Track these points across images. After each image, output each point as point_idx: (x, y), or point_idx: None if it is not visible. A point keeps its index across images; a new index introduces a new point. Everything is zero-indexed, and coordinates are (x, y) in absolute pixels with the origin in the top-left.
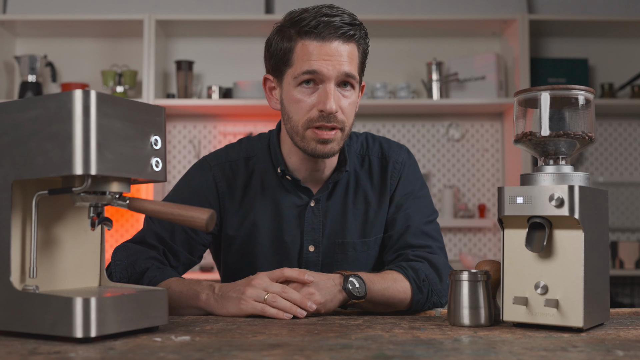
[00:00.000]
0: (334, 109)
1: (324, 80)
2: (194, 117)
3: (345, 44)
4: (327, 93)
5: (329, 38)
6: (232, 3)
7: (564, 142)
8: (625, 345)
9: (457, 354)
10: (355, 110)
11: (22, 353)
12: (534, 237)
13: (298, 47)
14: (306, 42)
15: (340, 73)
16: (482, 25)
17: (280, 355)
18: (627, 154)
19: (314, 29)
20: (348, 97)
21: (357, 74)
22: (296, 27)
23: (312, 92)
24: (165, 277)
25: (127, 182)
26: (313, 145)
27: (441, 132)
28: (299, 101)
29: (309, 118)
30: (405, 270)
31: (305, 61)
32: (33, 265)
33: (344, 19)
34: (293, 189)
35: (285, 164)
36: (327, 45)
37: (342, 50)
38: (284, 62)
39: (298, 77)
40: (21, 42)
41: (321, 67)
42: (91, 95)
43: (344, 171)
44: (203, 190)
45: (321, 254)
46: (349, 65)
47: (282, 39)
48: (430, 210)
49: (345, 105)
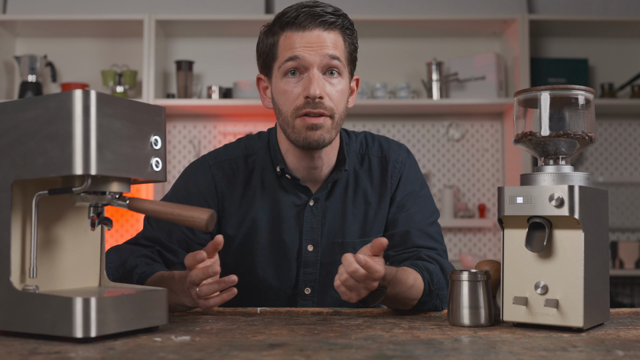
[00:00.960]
0: (317, 93)
1: (308, 67)
2: (194, 117)
3: (327, 31)
4: (310, 79)
5: (309, 27)
6: (232, 3)
7: (564, 142)
8: (625, 345)
9: (457, 354)
10: (348, 102)
11: (22, 353)
12: (534, 237)
13: (281, 40)
14: (288, 34)
15: (323, 56)
16: (482, 25)
17: (280, 355)
18: (627, 154)
19: (294, 19)
20: (335, 84)
21: (343, 59)
22: (279, 22)
23: (297, 81)
24: (154, 272)
25: (127, 182)
26: (303, 133)
27: (441, 132)
28: (286, 92)
29: (296, 106)
30: (422, 272)
31: (288, 50)
32: (33, 265)
33: (326, 9)
34: (292, 188)
35: (284, 162)
36: (308, 34)
37: (324, 37)
38: (270, 57)
39: (282, 66)
40: (21, 42)
41: (303, 53)
42: (91, 95)
43: (343, 170)
44: (202, 190)
45: (320, 253)
46: (332, 50)
47: (267, 36)
48: (431, 210)
49: (333, 92)
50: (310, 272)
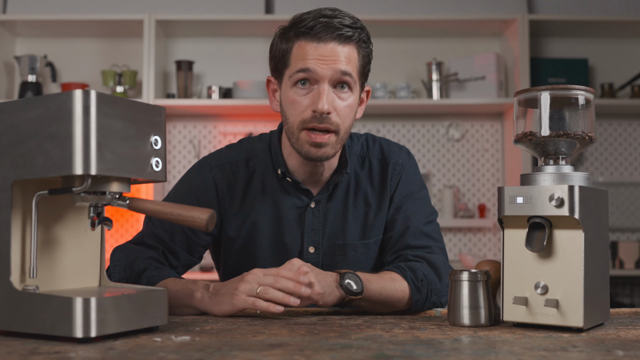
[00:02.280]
0: (326, 109)
1: (318, 80)
2: (194, 117)
3: (342, 45)
4: (319, 93)
5: (325, 39)
6: (232, 3)
7: (564, 142)
8: (625, 345)
9: (457, 354)
10: (356, 115)
11: (22, 353)
12: (534, 237)
13: (295, 48)
14: (302, 43)
15: (335, 71)
16: (482, 25)
17: (280, 355)
18: (627, 154)
19: (310, 30)
20: (344, 99)
21: (354, 74)
22: (295, 29)
23: (307, 92)
24: (163, 277)
25: (127, 182)
26: (307, 148)
27: (441, 132)
28: (294, 102)
29: (303, 119)
30: (402, 271)
31: (300, 60)
32: (33, 265)
33: (344, 21)
34: (293, 190)
35: (285, 166)
36: (322, 46)
37: (338, 52)
38: (282, 63)
39: (293, 76)
40: (21, 42)
41: (315, 66)
42: (91, 95)
43: (344, 173)
44: (203, 191)
45: (321, 255)
46: (345, 65)
47: (282, 40)
48: (429, 210)
49: (341, 107)
50: None
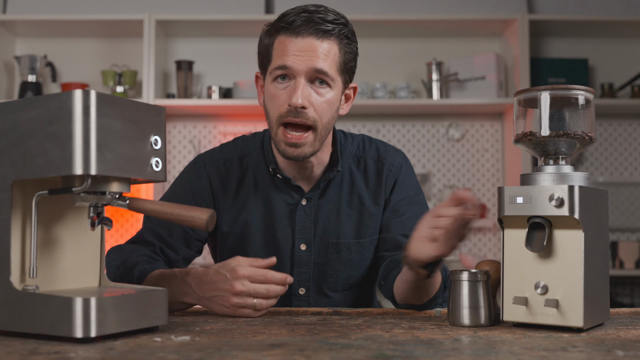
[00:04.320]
0: (300, 103)
1: (295, 75)
2: (194, 117)
3: (320, 40)
4: (294, 87)
5: (302, 34)
6: (232, 3)
7: (564, 142)
8: (625, 345)
9: (457, 354)
10: (340, 112)
11: (22, 353)
12: (534, 237)
13: (276, 43)
14: (282, 38)
15: (310, 68)
16: (482, 25)
17: (280, 355)
18: (627, 154)
19: (290, 25)
20: (322, 94)
21: (332, 72)
22: (277, 23)
23: (285, 87)
24: (154, 269)
25: (127, 182)
26: (283, 147)
27: (441, 132)
28: (274, 96)
29: (280, 113)
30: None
31: (280, 56)
32: (33, 265)
33: (326, 17)
34: (284, 187)
35: (276, 162)
36: (300, 41)
37: (315, 46)
38: (266, 58)
39: (272, 72)
40: (21, 42)
41: (291, 62)
42: (91, 95)
43: (335, 171)
44: (197, 188)
45: (313, 252)
46: (322, 62)
47: (266, 36)
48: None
49: (318, 102)
50: (304, 271)
